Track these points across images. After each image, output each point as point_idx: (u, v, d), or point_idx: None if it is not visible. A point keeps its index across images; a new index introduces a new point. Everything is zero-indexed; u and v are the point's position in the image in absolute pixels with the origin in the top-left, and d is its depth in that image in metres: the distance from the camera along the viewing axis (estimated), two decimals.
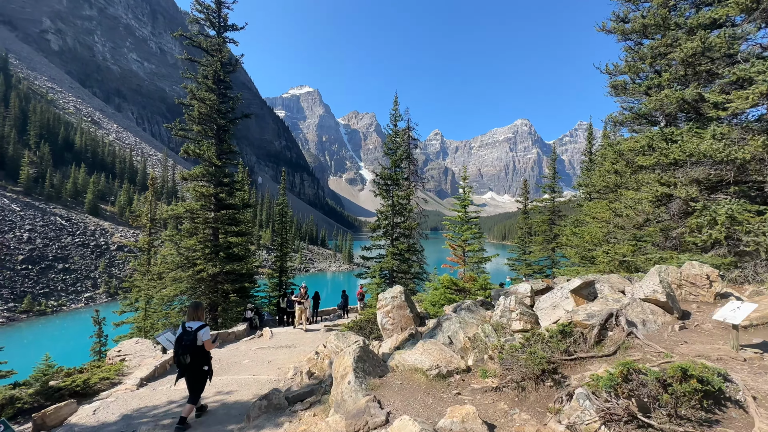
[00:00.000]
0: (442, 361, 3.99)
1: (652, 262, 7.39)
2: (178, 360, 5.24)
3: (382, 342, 7.37)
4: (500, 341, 3.98)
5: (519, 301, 4.70)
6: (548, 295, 4.89)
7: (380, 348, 6.83)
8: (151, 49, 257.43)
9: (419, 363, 4.06)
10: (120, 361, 12.20)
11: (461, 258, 10.70)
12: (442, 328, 5.31)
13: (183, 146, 16.50)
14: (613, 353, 3.29)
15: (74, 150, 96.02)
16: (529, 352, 3.19)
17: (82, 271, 62.53)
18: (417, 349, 4.32)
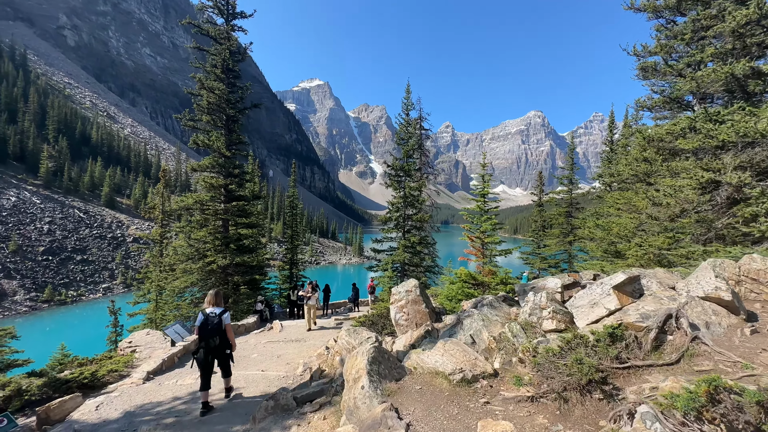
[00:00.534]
0: (466, 364, 3.56)
1: (696, 256, 6.77)
2: (207, 343, 5.57)
3: (395, 338, 6.98)
4: (531, 343, 3.52)
5: (551, 298, 4.22)
6: (585, 291, 4.40)
7: (393, 345, 6.44)
8: (163, 43, 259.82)
9: (440, 365, 3.64)
10: (131, 352, 12.15)
11: (479, 251, 10.15)
12: (463, 326, 4.87)
13: (192, 137, 16.30)
14: (675, 362, 2.81)
15: (91, 144, 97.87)
16: (574, 359, 2.73)
17: (99, 262, 63.98)
18: (437, 349, 3.90)
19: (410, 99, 19.96)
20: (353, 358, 3.84)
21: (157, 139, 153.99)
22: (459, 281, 8.42)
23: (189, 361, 8.88)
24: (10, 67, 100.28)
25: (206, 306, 5.90)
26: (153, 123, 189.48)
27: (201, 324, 5.61)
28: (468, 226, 10.60)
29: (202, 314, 5.72)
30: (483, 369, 3.54)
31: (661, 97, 10.78)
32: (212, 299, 5.89)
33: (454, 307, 7.63)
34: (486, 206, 10.82)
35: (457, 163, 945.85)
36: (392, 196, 19.30)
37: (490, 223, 10.01)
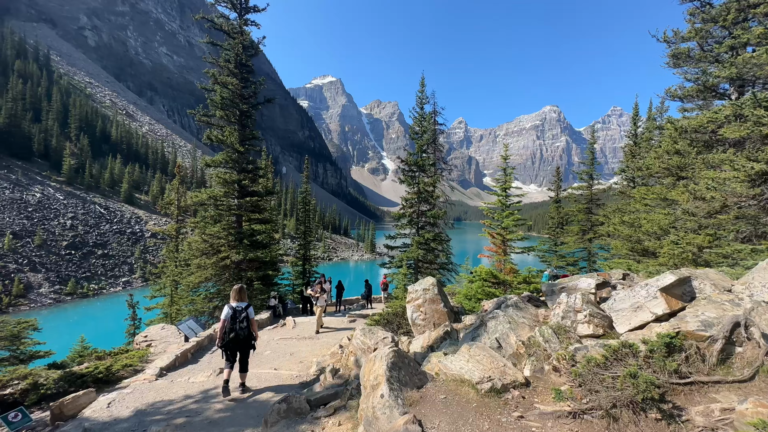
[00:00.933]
0: (495, 372, 3.24)
1: (744, 255, 6.23)
2: (236, 335, 5.86)
3: (411, 338, 6.69)
4: (568, 350, 3.18)
5: (586, 300, 3.85)
6: (626, 293, 4.01)
7: (410, 345, 6.16)
8: (179, 42, 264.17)
9: (466, 373, 3.33)
10: (146, 346, 12.25)
11: (500, 248, 9.68)
12: (487, 329, 4.54)
13: (206, 132, 16.30)
14: (748, 378, 2.43)
15: (111, 141, 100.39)
16: (627, 373, 2.39)
17: (119, 256, 65.67)
18: (462, 354, 3.59)
19: (425, 92, 19.48)
20: (371, 362, 3.57)
21: (174, 137, 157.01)
22: (479, 279, 8.02)
23: (202, 357, 8.82)
24: (35, 67, 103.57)
25: (231, 301, 6.16)
26: (170, 121, 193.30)
27: (230, 317, 5.90)
28: (488, 222, 10.09)
29: (228, 308, 6.01)
30: (513, 377, 3.22)
31: (695, 86, 10.09)
32: (237, 294, 6.19)
33: (473, 307, 7.29)
34: (507, 201, 10.31)
35: (470, 159, 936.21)
36: (406, 191, 18.95)
37: (512, 219, 9.51)
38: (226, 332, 5.86)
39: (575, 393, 2.67)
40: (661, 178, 9.88)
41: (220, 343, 5.90)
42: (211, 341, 10.33)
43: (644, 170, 10.14)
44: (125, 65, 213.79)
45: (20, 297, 48.69)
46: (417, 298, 6.53)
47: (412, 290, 6.72)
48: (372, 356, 3.62)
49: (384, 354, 3.45)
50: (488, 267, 8.76)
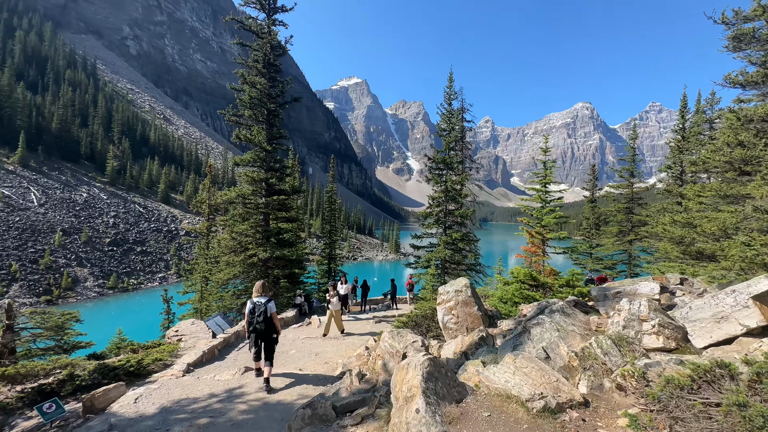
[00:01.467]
0: (547, 388, 2.81)
1: None
2: (255, 328, 6.19)
3: (441, 343, 6.28)
4: (636, 366, 2.70)
5: (654, 308, 3.33)
6: (705, 300, 3.43)
7: (441, 350, 5.76)
8: (212, 48, 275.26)
9: (513, 387, 2.92)
10: (177, 340, 12.50)
11: (539, 248, 8.96)
12: (531, 336, 4.08)
13: (235, 131, 16.57)
14: None
15: (149, 144, 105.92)
16: (733, 402, 1.90)
17: (156, 253, 68.98)
18: (506, 365, 3.17)
19: (453, 88, 18.91)
20: (403, 370, 3.22)
21: (207, 139, 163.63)
22: (515, 282, 7.44)
23: (228, 354, 8.82)
24: (83, 76, 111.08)
25: (254, 296, 6.46)
26: (203, 124, 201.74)
27: (250, 310, 6.26)
28: (526, 219, 9.35)
29: (250, 302, 6.35)
30: (569, 395, 2.77)
31: (761, 70, 9.02)
32: (260, 289, 6.49)
33: (510, 311, 6.78)
34: (548, 197, 9.55)
35: (497, 159, 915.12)
36: (433, 190, 18.46)
37: (552, 216, 8.77)
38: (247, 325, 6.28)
39: (656, 421, 2.20)
40: (720, 173, 8.83)
41: (247, 334, 6.37)
42: (238, 338, 10.36)
43: (699, 165, 9.14)
44: (163, 72, 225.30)
45: (68, 290, 52.15)
46: (448, 300, 6.12)
47: (443, 292, 6.32)
48: (404, 364, 3.28)
49: (418, 362, 3.10)
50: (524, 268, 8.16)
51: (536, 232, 8.69)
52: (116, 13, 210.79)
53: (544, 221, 8.73)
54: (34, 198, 62.06)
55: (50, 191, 65.69)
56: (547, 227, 8.88)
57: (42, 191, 64.49)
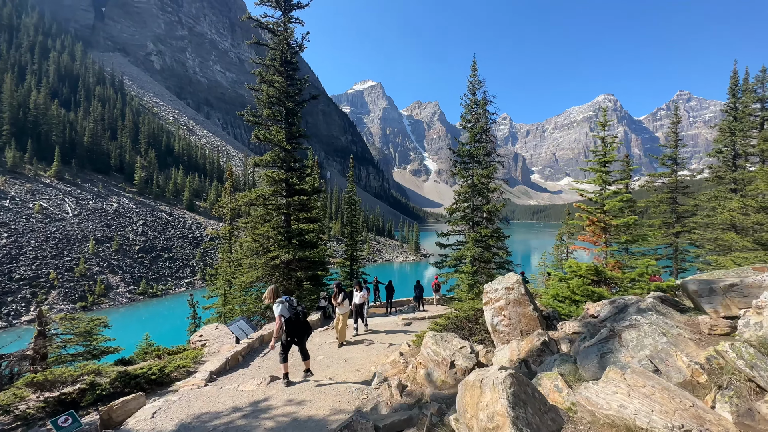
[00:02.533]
0: (685, 416, 2.01)
1: None
2: (298, 322, 6.22)
3: (490, 349, 5.48)
4: None
5: None
6: None
7: (492, 357, 4.96)
8: (231, 59, 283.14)
9: (633, 414, 2.13)
10: (201, 346, 12.19)
11: (600, 237, 7.77)
12: (624, 342, 3.26)
13: (254, 131, 16.30)
14: None
15: (174, 154, 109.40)
16: None
17: (182, 259, 70.76)
18: (612, 382, 2.39)
19: (477, 77, 17.93)
20: (474, 390, 2.49)
21: (228, 147, 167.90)
22: (574, 276, 6.48)
23: (252, 361, 8.30)
24: (111, 91, 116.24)
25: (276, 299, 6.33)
26: (224, 133, 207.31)
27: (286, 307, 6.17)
28: (582, 205, 8.27)
29: (278, 303, 6.18)
30: (721, 428, 1.96)
31: None
32: (274, 293, 6.42)
33: (570, 311, 5.90)
34: (609, 177, 8.35)
35: (516, 156, 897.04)
36: (459, 185, 17.59)
37: (618, 200, 7.59)
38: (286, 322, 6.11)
39: None
40: None
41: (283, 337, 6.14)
42: (262, 343, 9.86)
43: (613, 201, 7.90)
44: (185, 84, 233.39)
45: (102, 296, 54.06)
46: (497, 299, 5.33)
47: (490, 290, 5.53)
48: (474, 381, 2.54)
49: (498, 380, 2.36)
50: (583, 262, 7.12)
51: (597, 220, 7.57)
52: (141, 31, 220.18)
53: (607, 205, 7.63)
54: (69, 209, 64.95)
55: (83, 202, 68.62)
56: (611, 212, 7.75)
57: (76, 202, 67.46)
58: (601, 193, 7.86)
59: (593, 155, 8.26)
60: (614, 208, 7.57)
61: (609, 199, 7.74)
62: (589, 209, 7.84)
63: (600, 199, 7.82)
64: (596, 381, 2.52)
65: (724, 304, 3.55)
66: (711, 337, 3.17)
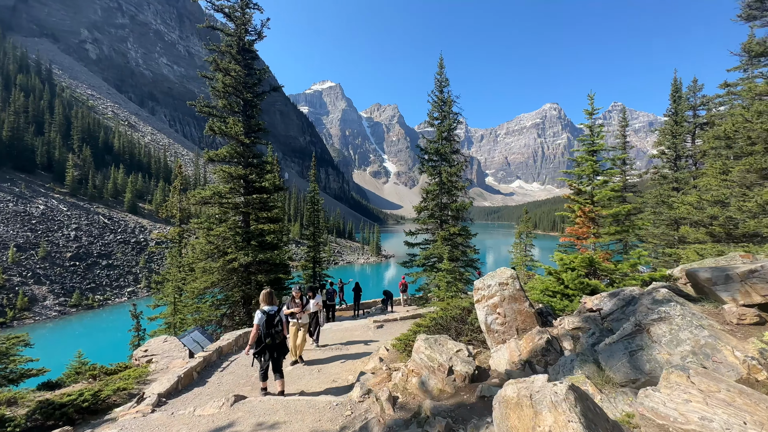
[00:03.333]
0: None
1: None
2: (273, 339, 5.95)
3: (482, 350, 5.08)
4: None
5: None
6: None
7: (490, 360, 4.56)
8: (179, 52, 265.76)
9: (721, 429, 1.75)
10: (146, 362, 10.71)
11: (588, 228, 7.65)
12: (654, 336, 2.96)
13: (208, 123, 14.84)
14: None
15: (113, 152, 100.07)
16: None
17: (124, 266, 64.62)
18: (681, 388, 2.01)
19: (444, 74, 17.88)
20: (526, 411, 1.97)
21: (176, 146, 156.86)
22: (566, 269, 6.23)
23: (210, 377, 7.26)
24: (37, 81, 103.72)
25: (263, 305, 6.09)
26: (171, 130, 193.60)
27: (266, 321, 5.89)
28: (571, 195, 8.09)
29: (261, 313, 5.95)
30: None
31: None
32: (267, 298, 6.16)
33: (564, 306, 5.66)
34: (598, 165, 8.30)
35: (472, 160, 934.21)
36: (426, 183, 17.38)
37: (610, 189, 7.55)
38: (261, 338, 5.85)
39: None
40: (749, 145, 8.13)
41: (254, 349, 5.89)
42: (221, 356, 8.78)
43: (722, 139, 8.44)
44: (126, 76, 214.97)
45: (25, 310, 47.57)
46: (491, 296, 4.94)
47: (482, 286, 5.13)
48: (520, 398, 2.02)
49: (560, 396, 1.85)
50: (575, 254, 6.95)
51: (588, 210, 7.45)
52: (73, 16, 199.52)
53: (597, 196, 7.58)
54: None
55: (1, 204, 60.23)
56: (601, 203, 7.73)
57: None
58: (589, 183, 7.87)
59: (581, 144, 8.25)
60: (604, 198, 7.60)
61: (598, 189, 7.77)
62: (579, 200, 7.77)
63: (589, 189, 7.82)
64: (655, 387, 2.15)
65: (744, 291, 3.42)
66: (741, 328, 2.99)
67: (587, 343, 3.73)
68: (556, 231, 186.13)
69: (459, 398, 3.76)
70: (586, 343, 3.74)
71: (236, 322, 14.86)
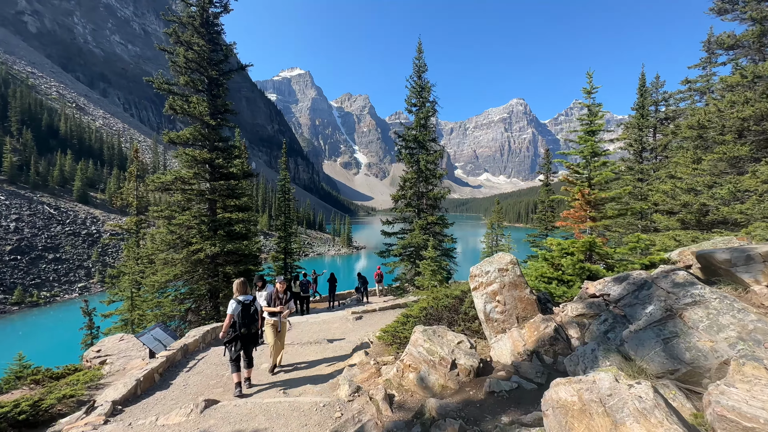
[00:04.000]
0: None
1: None
2: (249, 330, 5.72)
3: (477, 341, 4.78)
4: None
5: None
6: None
7: (491, 352, 4.25)
8: (134, 30, 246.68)
9: None
10: (100, 363, 9.64)
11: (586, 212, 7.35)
12: (690, 322, 2.71)
13: (167, 101, 13.46)
14: None
15: (59, 137, 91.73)
16: None
17: (74, 260, 59.80)
18: (763, 383, 1.72)
19: (422, 59, 17.35)
20: (601, 420, 1.57)
21: (132, 131, 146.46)
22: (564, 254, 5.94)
23: (174, 379, 6.51)
24: None
25: (237, 295, 5.82)
26: (127, 115, 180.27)
27: (242, 311, 5.66)
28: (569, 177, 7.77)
29: (236, 302, 5.73)
30: None
31: (753, 30, 8.71)
32: (242, 288, 5.87)
33: (564, 292, 5.46)
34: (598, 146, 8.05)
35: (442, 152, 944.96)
36: (404, 171, 16.98)
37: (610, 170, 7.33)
38: (235, 328, 5.61)
39: None
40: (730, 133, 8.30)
41: (226, 338, 5.64)
42: (187, 354, 7.98)
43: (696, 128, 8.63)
44: (73, 54, 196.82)
45: None
46: (489, 283, 4.62)
47: (479, 273, 4.80)
48: (589, 404, 1.62)
49: (648, 402, 1.43)
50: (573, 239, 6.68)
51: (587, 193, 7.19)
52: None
53: (595, 178, 7.37)
54: None
55: None
56: (598, 185, 7.53)
57: None
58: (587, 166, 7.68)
59: (579, 123, 8.04)
60: (603, 180, 7.45)
61: (597, 171, 7.60)
62: (577, 182, 7.57)
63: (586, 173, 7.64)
64: (727, 382, 1.87)
65: (766, 273, 3.30)
66: None
67: (598, 331, 3.50)
68: (521, 222, 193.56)
69: (465, 395, 3.41)
70: (597, 331, 3.51)
71: (202, 317, 13.85)
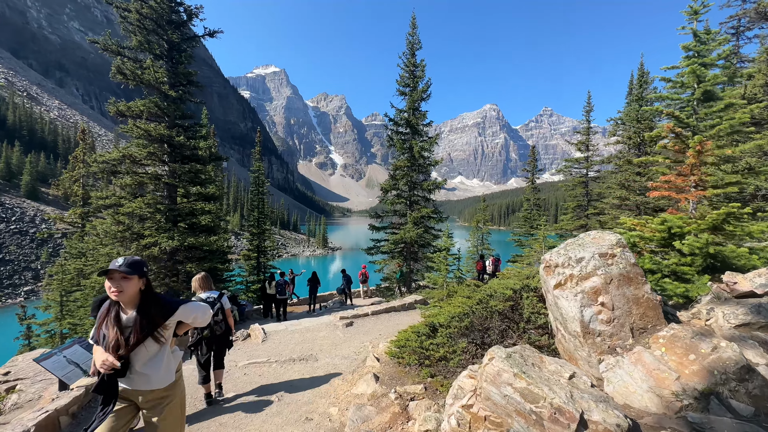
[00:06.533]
0: None
1: None
2: (212, 332, 4.99)
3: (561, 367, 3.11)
4: None
5: None
6: None
7: (603, 384, 2.60)
8: (96, 17, 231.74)
9: None
10: (6, 391, 7.29)
11: (696, 175, 4.86)
12: None
13: (114, 63, 11.06)
14: None
15: (6, 127, 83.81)
16: None
17: (19, 261, 54.13)
18: None
19: (416, 35, 15.65)
20: None
21: (92, 124, 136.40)
22: (680, 236, 4.06)
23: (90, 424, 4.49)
24: None
25: (198, 291, 5.01)
26: (86, 107, 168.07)
27: None
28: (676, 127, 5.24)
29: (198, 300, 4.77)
30: None
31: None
32: (203, 283, 5.04)
33: (685, 290, 3.75)
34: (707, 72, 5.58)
35: None
36: (394, 158, 15.29)
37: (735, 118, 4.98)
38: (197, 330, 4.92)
39: None
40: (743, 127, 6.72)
41: (190, 342, 5.02)
42: None
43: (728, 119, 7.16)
44: (26, 40, 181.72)
45: None
46: (586, 277, 2.98)
47: (563, 261, 3.13)
48: None
49: None
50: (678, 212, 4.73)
51: (700, 150, 4.86)
52: None
53: (714, 129, 5.01)
54: None
55: None
56: (715, 137, 5.21)
57: None
58: (692, 114, 5.55)
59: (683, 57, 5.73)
60: (725, 131, 5.20)
61: (715, 118, 5.39)
62: (682, 134, 5.41)
63: (693, 121, 5.41)
64: None
65: None
66: None
67: None
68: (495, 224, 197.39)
69: None
70: None
71: None
